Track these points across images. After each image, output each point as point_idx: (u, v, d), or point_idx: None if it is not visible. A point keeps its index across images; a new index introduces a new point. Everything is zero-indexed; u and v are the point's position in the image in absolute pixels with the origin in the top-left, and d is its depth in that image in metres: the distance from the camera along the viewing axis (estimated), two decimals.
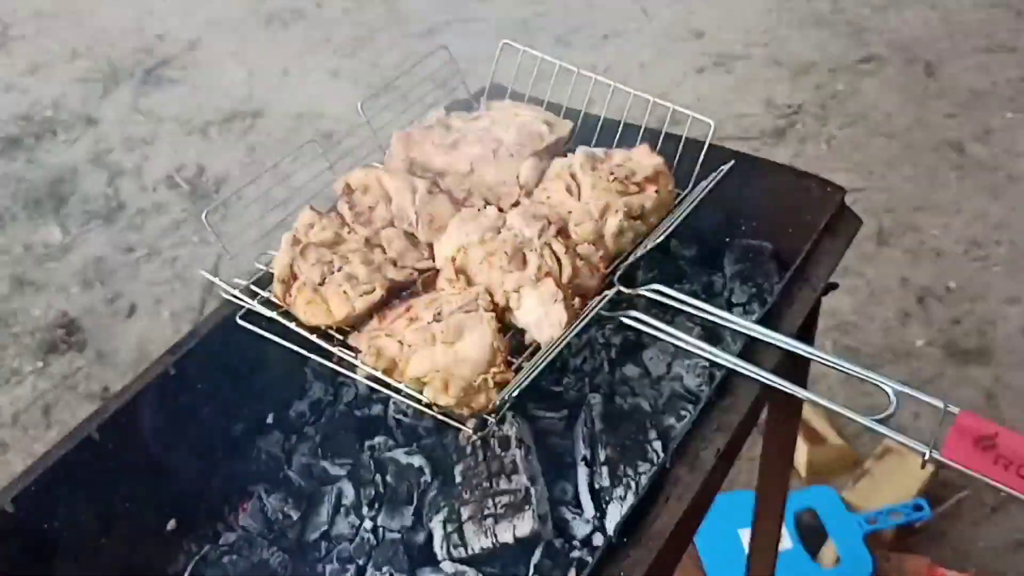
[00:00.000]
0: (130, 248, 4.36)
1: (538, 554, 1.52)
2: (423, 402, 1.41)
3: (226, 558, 1.61)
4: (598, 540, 1.55)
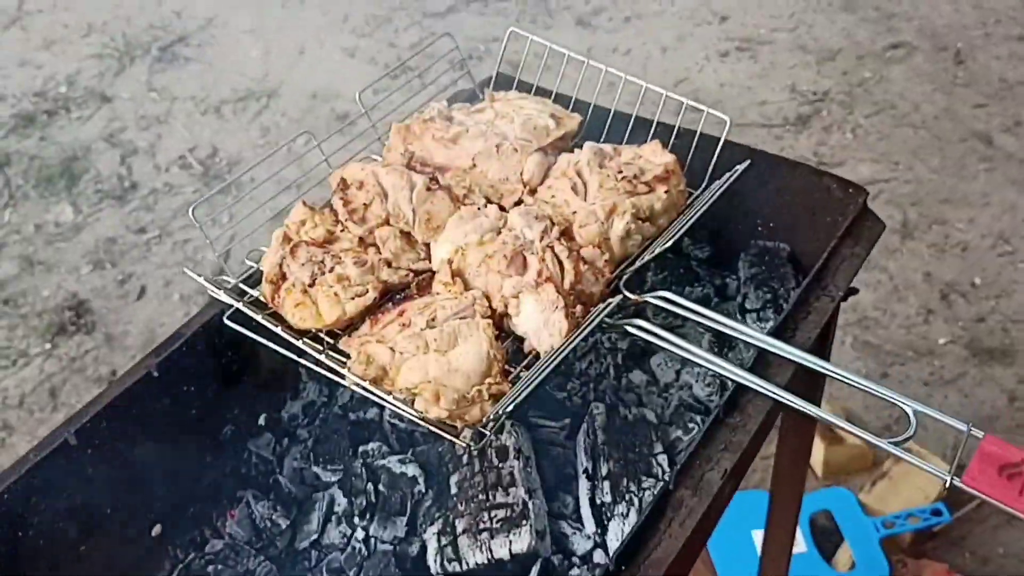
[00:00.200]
0: (142, 229, 4.31)
1: (535, 571, 1.45)
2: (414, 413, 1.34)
3: (211, 567, 1.55)
4: (599, 557, 1.48)
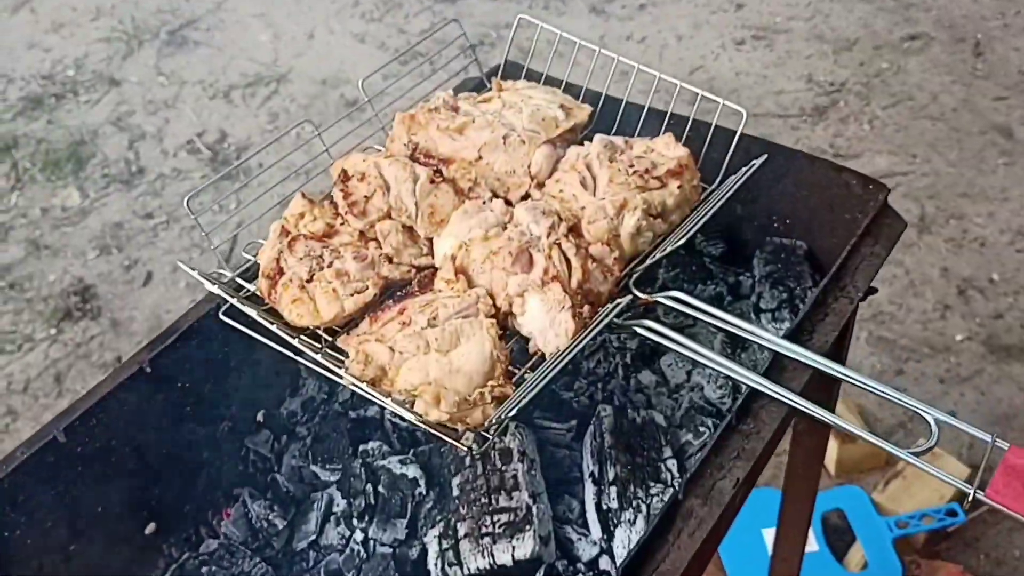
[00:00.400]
0: (149, 214, 4.27)
1: None
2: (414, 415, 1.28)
3: (205, 568, 1.51)
4: (604, 564, 1.44)
